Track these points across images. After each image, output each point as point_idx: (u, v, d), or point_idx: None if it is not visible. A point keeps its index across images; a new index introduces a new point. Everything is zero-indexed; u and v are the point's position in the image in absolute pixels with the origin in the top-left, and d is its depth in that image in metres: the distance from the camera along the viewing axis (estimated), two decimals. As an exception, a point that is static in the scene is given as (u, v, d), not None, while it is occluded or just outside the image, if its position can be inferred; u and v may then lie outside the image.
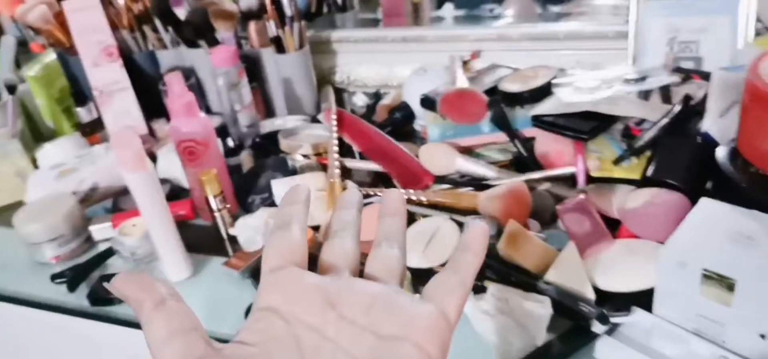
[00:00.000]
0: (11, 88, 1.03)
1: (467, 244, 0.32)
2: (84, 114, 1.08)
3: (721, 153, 0.66)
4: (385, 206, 0.34)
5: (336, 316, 0.28)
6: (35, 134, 1.13)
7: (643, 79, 0.81)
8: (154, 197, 0.72)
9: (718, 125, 0.72)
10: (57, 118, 1.12)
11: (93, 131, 1.09)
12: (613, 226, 0.71)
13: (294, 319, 0.28)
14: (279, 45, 1.06)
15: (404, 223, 0.34)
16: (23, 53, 1.27)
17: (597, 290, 0.63)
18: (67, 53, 1.13)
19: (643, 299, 0.60)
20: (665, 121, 0.73)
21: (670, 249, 0.56)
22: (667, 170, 0.69)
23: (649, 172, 0.71)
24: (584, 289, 0.62)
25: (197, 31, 1.09)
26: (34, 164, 1.02)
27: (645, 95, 0.80)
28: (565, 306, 0.61)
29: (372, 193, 0.83)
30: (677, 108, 0.73)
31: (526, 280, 0.65)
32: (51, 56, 1.10)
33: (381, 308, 0.28)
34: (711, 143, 0.70)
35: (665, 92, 0.79)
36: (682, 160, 0.70)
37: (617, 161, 0.76)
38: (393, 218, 0.34)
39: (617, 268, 0.64)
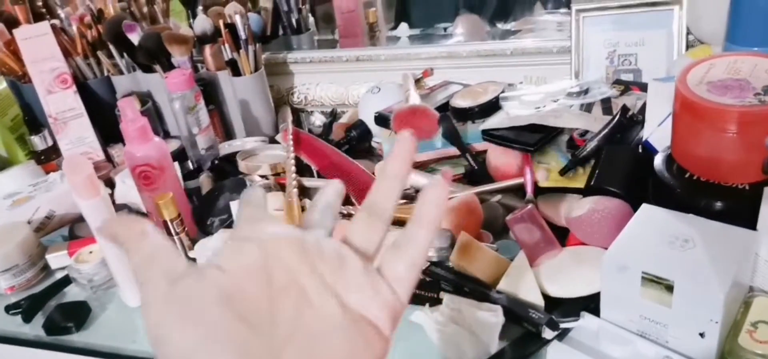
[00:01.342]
0: (-39, 118, 1.02)
1: (419, 217, 0.31)
2: (38, 142, 1.06)
3: (657, 160, 0.70)
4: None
5: (309, 265, 0.29)
6: (-13, 165, 1.11)
7: (585, 92, 0.85)
8: (110, 224, 0.72)
9: (657, 133, 0.76)
10: (10, 147, 1.10)
11: (48, 158, 1.08)
12: (563, 234, 0.74)
13: (270, 254, 0.29)
14: (235, 68, 1.07)
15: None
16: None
17: (547, 297, 0.66)
18: (20, 81, 1.12)
19: (591, 303, 0.63)
20: (606, 131, 0.76)
21: (611, 254, 0.59)
22: (609, 179, 0.73)
23: (593, 181, 0.74)
24: (534, 297, 0.65)
25: (151, 56, 1.09)
26: (-13, 195, 1.00)
27: (588, 107, 0.83)
28: (517, 313, 0.63)
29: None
30: (616, 118, 0.76)
31: (478, 290, 0.67)
32: (2, 84, 1.09)
33: (346, 273, 0.29)
34: (651, 151, 0.74)
35: (606, 104, 0.83)
36: (623, 168, 0.74)
37: (563, 172, 0.79)
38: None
39: (565, 275, 0.67)
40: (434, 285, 0.70)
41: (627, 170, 0.74)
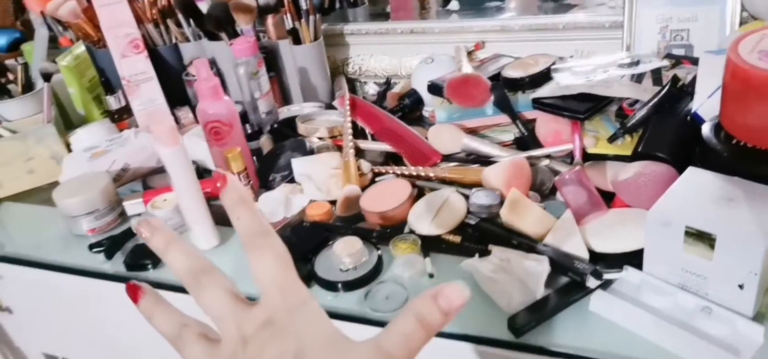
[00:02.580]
0: (47, 76, 1.11)
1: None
2: (113, 102, 1.15)
3: (705, 128, 0.73)
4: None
5: None
6: (66, 123, 1.20)
7: (636, 63, 0.87)
8: (186, 170, 0.79)
9: (706, 105, 0.78)
10: (87, 105, 1.19)
11: (121, 117, 1.16)
12: (608, 200, 0.77)
13: None
14: (295, 37, 1.13)
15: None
16: (52, 48, 1.35)
17: (591, 252, 0.69)
18: (94, 46, 1.21)
19: (634, 259, 0.66)
20: (655, 100, 0.79)
21: (656, 210, 0.62)
22: (657, 144, 0.76)
23: (640, 147, 0.77)
24: (580, 250, 0.69)
25: (218, 24, 1.16)
26: (68, 148, 1.09)
27: (638, 78, 0.86)
28: (562, 264, 0.67)
29: (384, 171, 0.90)
30: (666, 88, 0.79)
31: (526, 243, 0.71)
32: (80, 48, 1.17)
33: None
34: (699, 122, 0.76)
35: (657, 75, 0.85)
36: (671, 136, 0.77)
37: (611, 139, 0.82)
38: None
39: (610, 232, 0.70)
40: (484, 238, 0.74)
41: (675, 137, 0.76)
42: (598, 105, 0.84)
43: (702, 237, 0.59)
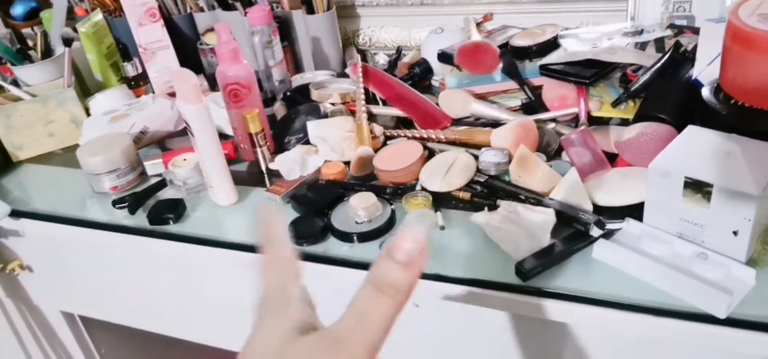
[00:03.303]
0: (68, 42, 1.14)
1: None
2: (130, 69, 1.18)
3: (705, 90, 0.76)
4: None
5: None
6: (83, 89, 1.23)
7: (639, 32, 0.91)
8: (209, 127, 0.82)
9: (707, 72, 0.81)
10: (105, 72, 1.22)
11: (137, 84, 1.19)
12: (611, 160, 0.80)
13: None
14: (309, 6, 1.16)
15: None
16: (68, 17, 1.38)
17: (595, 205, 0.73)
18: (111, 15, 1.24)
19: (635, 211, 0.70)
20: (658, 66, 0.82)
21: (657, 163, 0.66)
22: (659, 106, 0.79)
23: (642, 109, 0.81)
24: (584, 203, 0.72)
25: (233, -6, 1.19)
26: (87, 113, 1.13)
27: (642, 45, 0.89)
28: (567, 215, 0.71)
29: (396, 134, 0.93)
30: (668, 54, 0.82)
31: (533, 197, 0.75)
32: (99, 16, 1.20)
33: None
34: (699, 87, 0.80)
35: (660, 43, 0.89)
36: (673, 98, 0.80)
37: (615, 104, 0.85)
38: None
39: (613, 187, 0.74)
40: (492, 194, 0.78)
41: (676, 99, 0.80)
42: (603, 71, 0.87)
43: (700, 187, 0.62)
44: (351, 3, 1.24)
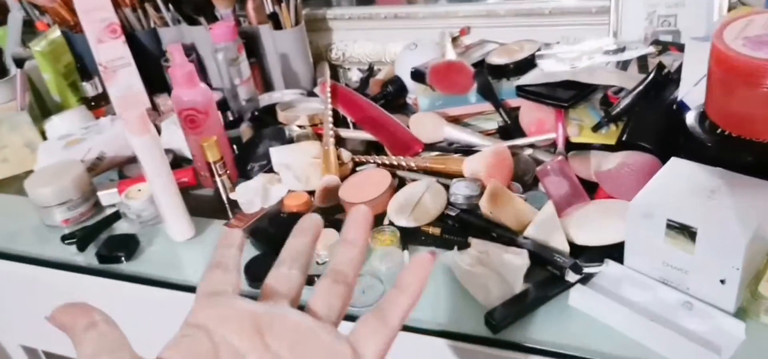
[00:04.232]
0: (19, 62, 1.08)
1: (403, 285, 0.33)
2: (89, 88, 1.12)
3: (690, 116, 0.71)
4: (348, 228, 0.36)
5: (262, 344, 0.29)
6: (42, 109, 1.17)
7: (621, 50, 0.85)
8: (158, 160, 0.76)
9: (693, 93, 0.76)
10: (63, 92, 1.16)
11: (98, 104, 1.13)
12: (592, 189, 0.75)
13: (221, 340, 0.29)
14: (276, 22, 1.10)
15: (362, 257, 0.36)
16: (28, 32, 1.32)
17: (572, 244, 0.68)
18: (72, 31, 1.17)
19: (615, 252, 0.65)
20: (640, 88, 0.77)
21: (637, 202, 0.61)
22: (641, 134, 0.74)
23: (624, 136, 0.75)
24: (560, 243, 0.67)
25: (197, 8, 1.13)
26: (43, 136, 1.07)
27: (623, 65, 0.84)
28: (542, 257, 0.65)
29: (365, 159, 0.88)
30: (651, 76, 0.77)
31: (506, 235, 0.69)
32: (56, 33, 1.14)
33: (305, 344, 0.30)
34: (684, 110, 0.75)
35: (643, 63, 0.83)
36: (656, 125, 0.75)
37: (596, 128, 0.80)
38: (352, 248, 0.35)
39: (591, 224, 0.69)
40: (463, 230, 0.73)
41: (659, 126, 0.75)
42: (583, 93, 0.82)
43: (684, 230, 0.57)
44: (322, 16, 1.18)
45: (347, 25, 1.18)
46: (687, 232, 0.57)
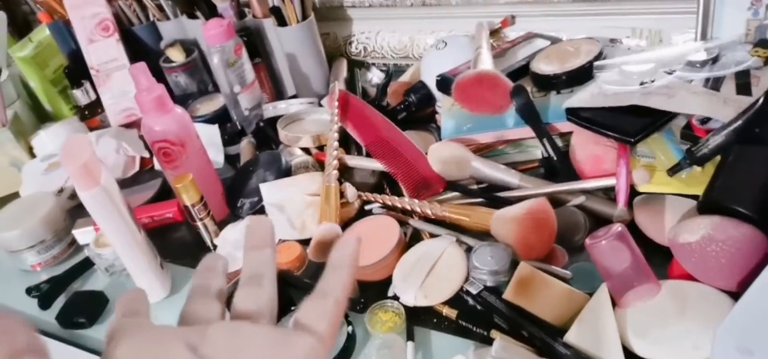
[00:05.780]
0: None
1: (335, 263, 0.32)
2: (80, 96, 1.00)
3: (814, 176, 0.49)
4: (250, 238, 0.34)
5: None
6: (40, 115, 1.07)
7: (713, 60, 0.63)
8: (114, 215, 0.62)
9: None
10: (53, 100, 1.05)
11: (93, 113, 1.01)
12: (665, 256, 0.56)
13: None
14: (280, 17, 0.93)
15: (273, 254, 0.33)
16: (35, 23, 1.22)
17: (632, 355, 0.49)
18: (67, 26, 1.05)
19: (694, 372, 0.46)
20: (739, 123, 0.55)
21: (729, 329, 0.41)
22: (737, 194, 0.53)
23: (712, 192, 0.55)
24: (614, 354, 0.49)
25: (189, 1, 0.98)
26: (32, 153, 0.96)
27: (715, 82, 0.62)
28: (587, 380, 0.47)
29: (373, 199, 0.71)
30: (757, 105, 0.55)
31: (540, 337, 0.51)
32: (44, 33, 1.02)
33: (244, 343, 0.28)
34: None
35: (743, 80, 0.61)
36: (761, 180, 0.53)
37: (673, 170, 0.59)
38: (260, 252, 0.33)
39: (661, 327, 0.50)
40: (485, 317, 0.55)
41: (765, 183, 0.53)
42: (656, 123, 0.61)
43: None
44: (339, 4, 1.00)
45: (369, 13, 0.99)
46: (807, 383, 0.37)
